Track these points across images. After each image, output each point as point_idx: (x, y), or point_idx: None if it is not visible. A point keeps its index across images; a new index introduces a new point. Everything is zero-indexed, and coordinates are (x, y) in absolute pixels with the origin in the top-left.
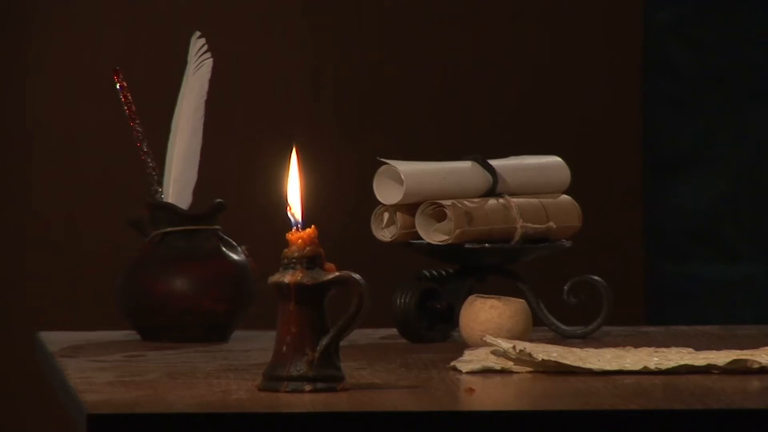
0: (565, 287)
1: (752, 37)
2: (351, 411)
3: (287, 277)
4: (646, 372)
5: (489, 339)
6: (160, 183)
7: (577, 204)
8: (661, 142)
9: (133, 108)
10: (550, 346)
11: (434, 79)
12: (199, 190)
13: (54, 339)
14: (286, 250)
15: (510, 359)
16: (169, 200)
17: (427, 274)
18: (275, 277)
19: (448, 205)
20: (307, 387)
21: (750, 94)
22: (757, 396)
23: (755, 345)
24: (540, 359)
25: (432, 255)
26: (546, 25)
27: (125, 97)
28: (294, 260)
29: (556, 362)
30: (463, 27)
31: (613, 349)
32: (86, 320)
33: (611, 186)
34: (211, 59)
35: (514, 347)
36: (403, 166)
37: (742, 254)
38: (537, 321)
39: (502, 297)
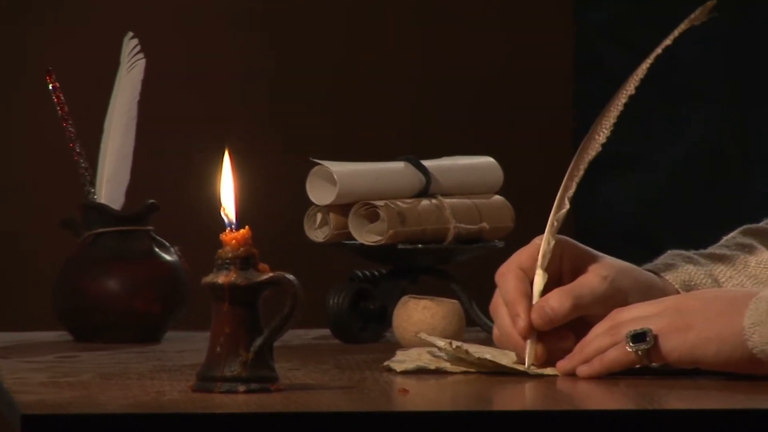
0: None
1: (685, 38)
2: (285, 411)
3: (221, 278)
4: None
5: (423, 336)
6: (92, 183)
7: (509, 205)
8: None
9: (66, 108)
10: (483, 347)
11: (367, 80)
12: (131, 191)
13: None
14: (219, 250)
15: (444, 359)
16: (102, 201)
17: (360, 274)
18: (209, 278)
19: (381, 206)
20: (241, 387)
21: (683, 94)
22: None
23: None
24: (476, 357)
25: (365, 255)
26: (478, 26)
27: (58, 97)
28: (228, 261)
29: (492, 362)
30: (395, 29)
31: None
32: (18, 321)
33: (544, 186)
34: (143, 60)
35: (450, 343)
36: (336, 167)
37: None
38: (470, 321)
39: (435, 297)
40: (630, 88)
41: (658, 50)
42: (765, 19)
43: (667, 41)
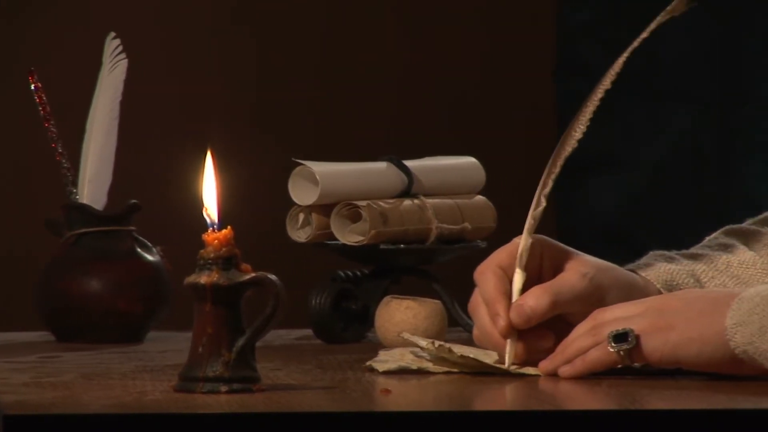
0: None
1: (665, 38)
2: (267, 412)
3: (203, 278)
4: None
5: (406, 336)
6: (75, 184)
7: (491, 205)
8: None
9: (48, 108)
10: (465, 347)
11: (349, 80)
12: (114, 191)
13: None
14: (202, 251)
15: (427, 359)
16: (84, 201)
17: (342, 274)
18: (191, 278)
19: (363, 206)
20: (223, 388)
21: (663, 94)
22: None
23: None
24: (459, 354)
25: (347, 256)
26: (460, 26)
27: (40, 97)
28: (210, 261)
29: (475, 360)
30: (378, 29)
31: None
32: (0, 321)
33: (526, 187)
34: (126, 60)
35: (432, 342)
36: (318, 167)
37: None
38: (452, 321)
39: (418, 298)
40: (606, 82)
41: (635, 44)
42: (748, 19)
43: (645, 34)
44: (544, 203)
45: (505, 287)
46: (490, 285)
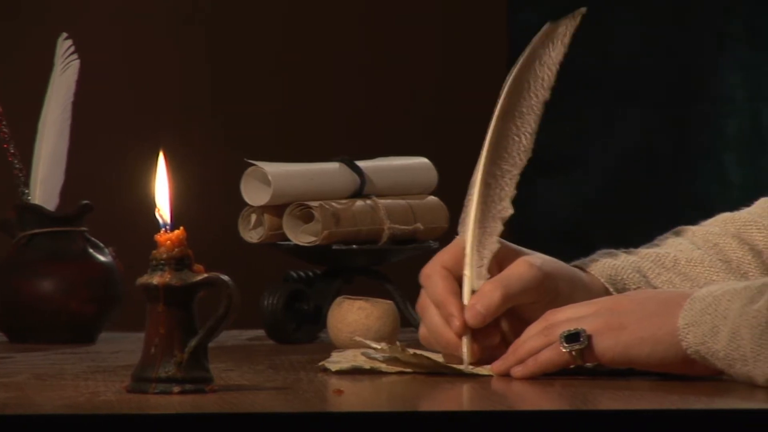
0: None
1: (618, 39)
2: (219, 412)
3: (156, 279)
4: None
5: (358, 339)
6: (27, 184)
7: (444, 205)
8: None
9: (0, 109)
10: (418, 350)
11: (301, 81)
12: (66, 192)
13: None
14: (154, 251)
15: (380, 360)
16: (36, 201)
17: (295, 275)
18: (143, 279)
19: (316, 207)
20: (176, 388)
21: (617, 95)
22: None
23: None
24: (412, 353)
25: (299, 256)
26: (412, 26)
27: None
28: (162, 262)
29: (428, 360)
30: (330, 29)
31: None
32: None
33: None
34: (78, 61)
35: (385, 344)
36: (271, 168)
37: None
38: (404, 322)
39: (370, 298)
40: (543, 92)
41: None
42: (700, 23)
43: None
44: (511, 210)
45: (453, 287)
46: (438, 287)
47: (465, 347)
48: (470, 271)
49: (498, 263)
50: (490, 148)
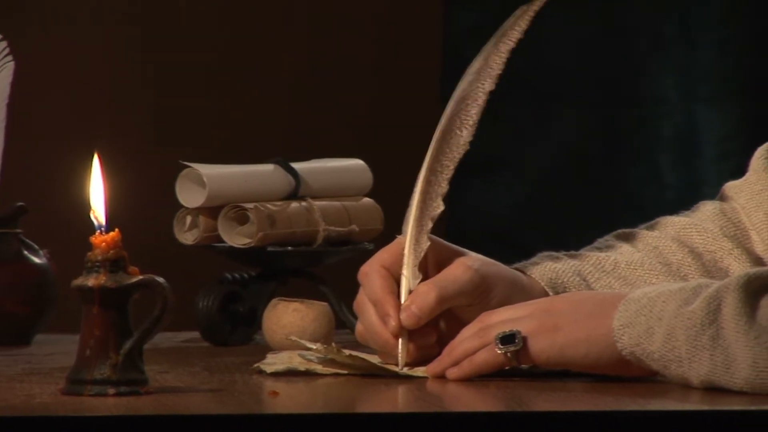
0: None
1: (553, 40)
2: (154, 414)
3: (91, 281)
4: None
5: (294, 339)
6: None
7: (379, 207)
8: None
9: None
10: (354, 352)
11: (237, 82)
12: (0, 193)
13: None
14: (89, 253)
15: (315, 361)
16: None
17: (230, 276)
18: (78, 281)
19: (251, 208)
20: (111, 390)
21: (552, 96)
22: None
23: None
24: (348, 354)
25: (234, 258)
26: (347, 27)
27: None
28: (97, 263)
29: (363, 361)
30: (267, 30)
31: None
32: None
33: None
34: (13, 62)
35: (321, 344)
36: (206, 169)
37: None
38: (339, 323)
39: (305, 300)
40: (487, 83)
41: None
42: (634, 23)
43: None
44: (442, 206)
45: (391, 287)
46: (376, 285)
47: (400, 348)
48: (408, 270)
49: (437, 264)
50: (439, 138)
